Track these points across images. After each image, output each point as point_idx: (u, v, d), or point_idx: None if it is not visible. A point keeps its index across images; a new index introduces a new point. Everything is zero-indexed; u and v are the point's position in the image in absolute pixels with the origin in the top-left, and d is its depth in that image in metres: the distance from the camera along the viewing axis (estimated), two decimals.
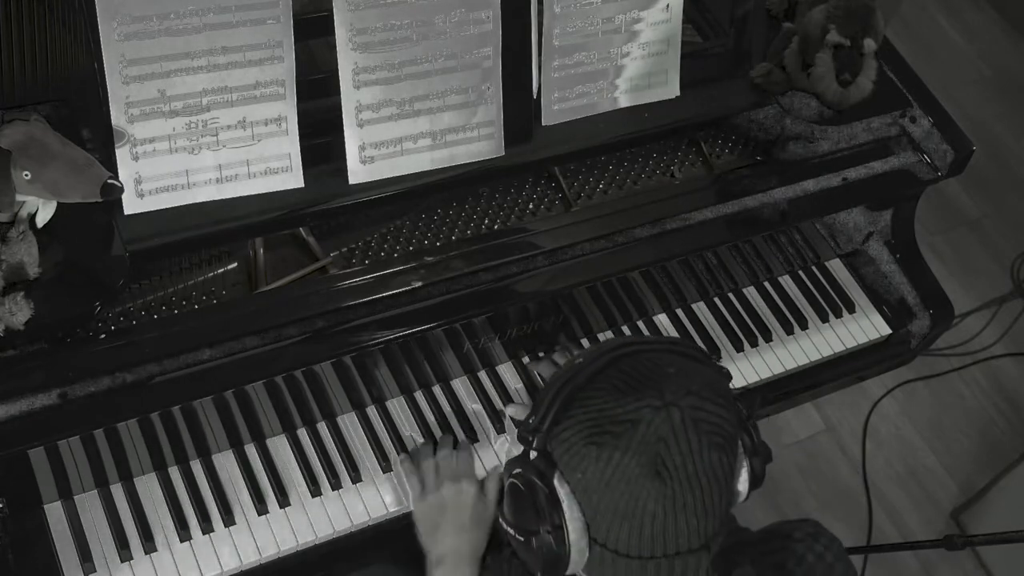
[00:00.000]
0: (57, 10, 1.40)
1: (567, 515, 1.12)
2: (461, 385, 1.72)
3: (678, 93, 1.70)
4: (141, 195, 1.41)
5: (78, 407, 1.35)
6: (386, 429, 1.65)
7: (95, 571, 1.47)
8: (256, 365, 1.46)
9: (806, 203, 1.76)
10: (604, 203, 1.72)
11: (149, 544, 1.49)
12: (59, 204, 1.34)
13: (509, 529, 1.22)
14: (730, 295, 1.91)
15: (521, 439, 1.18)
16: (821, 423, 2.84)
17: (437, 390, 1.70)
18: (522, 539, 1.19)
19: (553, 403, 1.14)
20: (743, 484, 1.19)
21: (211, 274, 1.54)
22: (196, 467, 1.57)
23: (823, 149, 1.79)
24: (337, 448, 1.62)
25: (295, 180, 1.48)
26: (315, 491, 1.58)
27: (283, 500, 1.57)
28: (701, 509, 1.10)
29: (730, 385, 1.21)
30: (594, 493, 1.11)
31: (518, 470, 1.19)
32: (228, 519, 1.54)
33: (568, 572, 1.17)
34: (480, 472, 1.62)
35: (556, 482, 1.13)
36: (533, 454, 1.16)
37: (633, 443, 1.08)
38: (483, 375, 1.73)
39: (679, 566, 1.11)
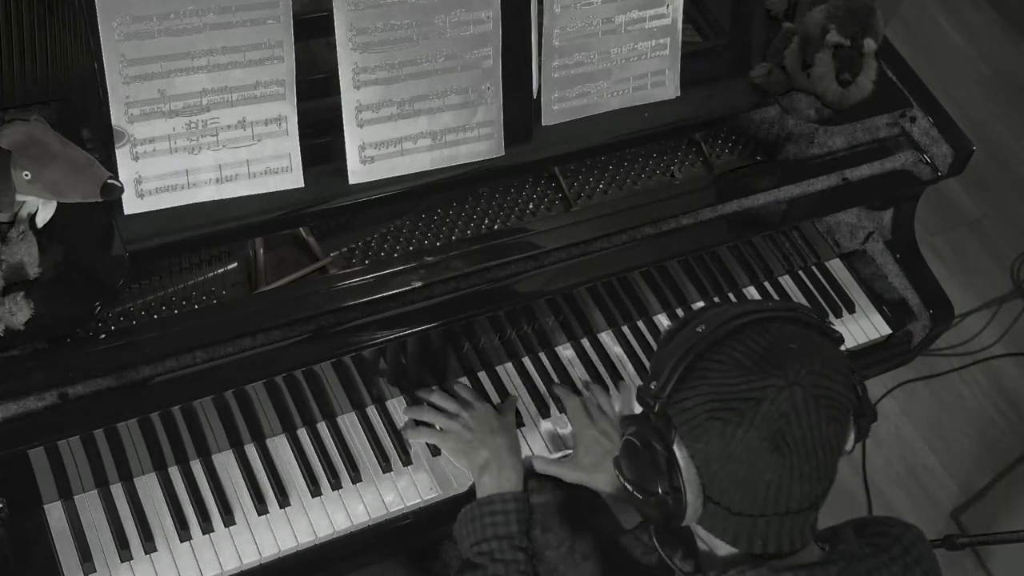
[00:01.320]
0: (57, 10, 1.40)
1: (685, 478, 1.16)
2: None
3: (678, 93, 1.70)
4: (141, 195, 1.40)
5: (78, 407, 1.35)
6: (386, 429, 1.65)
7: (95, 571, 1.47)
8: (256, 365, 1.46)
9: (806, 203, 1.76)
10: (604, 203, 1.72)
11: (149, 544, 1.49)
12: (59, 204, 1.34)
13: (627, 485, 1.25)
14: (731, 295, 1.91)
15: (641, 402, 1.20)
16: None
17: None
18: (640, 496, 1.22)
19: (676, 369, 1.16)
20: (849, 443, 1.23)
21: (211, 274, 1.54)
22: (196, 467, 1.57)
23: (823, 149, 1.79)
24: (337, 448, 1.62)
25: (295, 180, 1.48)
26: (315, 491, 1.58)
27: (283, 500, 1.56)
28: (815, 476, 1.14)
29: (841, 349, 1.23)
30: (714, 463, 1.14)
31: (635, 428, 1.21)
32: (228, 519, 1.54)
33: (682, 524, 1.21)
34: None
35: (675, 447, 1.16)
36: (652, 416, 1.19)
37: (757, 419, 1.11)
38: (483, 375, 1.73)
39: (787, 523, 1.16)
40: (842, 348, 1.27)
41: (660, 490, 1.18)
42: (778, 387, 1.11)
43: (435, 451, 1.64)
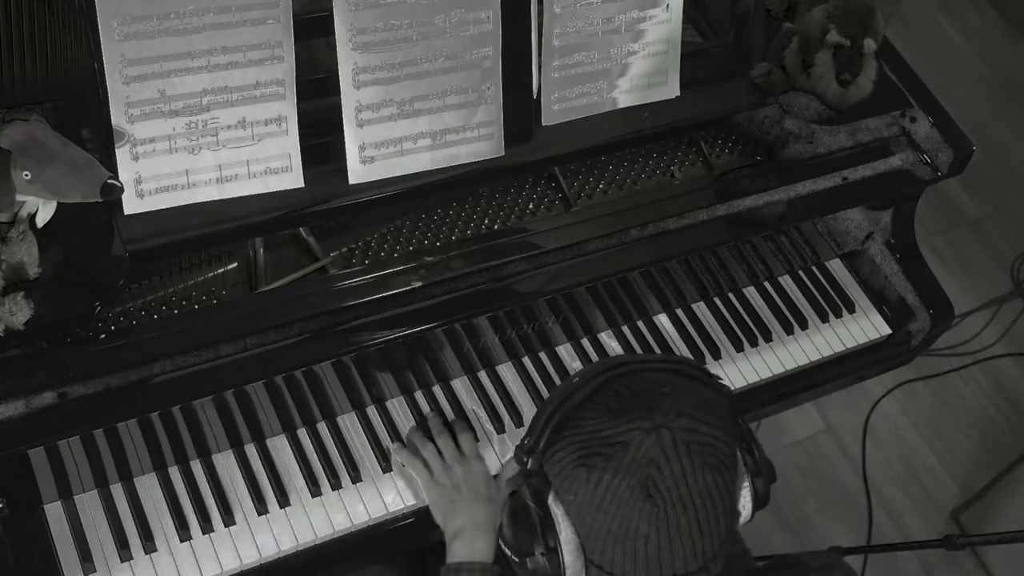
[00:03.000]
0: (57, 10, 1.40)
1: (561, 537, 1.12)
2: (461, 385, 1.72)
3: (678, 93, 1.70)
4: (141, 195, 1.41)
5: (78, 407, 1.35)
6: (386, 429, 1.65)
7: (95, 571, 1.47)
8: (256, 365, 1.46)
9: (806, 203, 1.76)
10: (604, 203, 1.72)
11: (149, 544, 1.49)
12: (59, 204, 1.34)
13: (506, 549, 1.21)
14: (730, 295, 1.91)
15: (517, 459, 1.17)
16: (821, 423, 2.84)
17: (437, 390, 1.70)
18: (517, 560, 1.19)
19: (548, 424, 1.13)
20: (745, 504, 1.18)
21: (211, 274, 1.54)
22: (196, 467, 1.57)
23: (823, 149, 1.79)
24: (337, 448, 1.62)
25: (295, 180, 1.48)
26: (315, 491, 1.58)
27: (283, 500, 1.56)
28: (696, 531, 1.08)
29: (730, 403, 1.19)
30: (587, 515, 1.10)
31: (513, 490, 1.19)
32: (228, 519, 1.54)
33: None
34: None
35: (551, 503, 1.12)
36: (527, 475, 1.16)
37: (623, 465, 1.07)
38: (483, 375, 1.73)
39: None
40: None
41: (536, 552, 1.14)
42: (644, 429, 1.07)
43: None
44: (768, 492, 1.20)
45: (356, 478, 1.60)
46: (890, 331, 1.95)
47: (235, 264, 1.56)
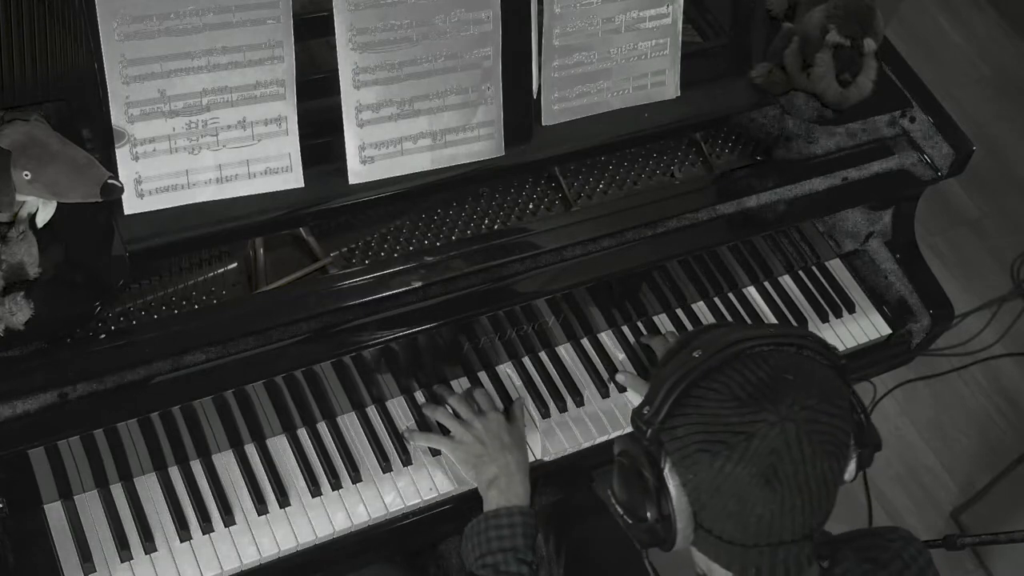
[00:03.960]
0: (57, 10, 1.40)
1: (675, 505, 1.15)
2: (461, 385, 1.72)
3: (678, 93, 1.70)
4: (141, 195, 1.40)
5: (78, 407, 1.35)
6: (386, 429, 1.65)
7: (95, 571, 1.47)
8: (256, 365, 1.46)
9: (806, 203, 1.76)
10: (604, 203, 1.72)
11: (149, 544, 1.49)
12: (59, 204, 1.34)
13: (617, 507, 1.24)
14: (730, 295, 1.91)
15: (634, 425, 1.19)
16: None
17: (438, 390, 1.70)
18: (631, 521, 1.22)
19: (669, 395, 1.15)
20: (850, 473, 1.23)
21: (211, 274, 1.54)
22: (196, 467, 1.57)
23: (823, 149, 1.79)
24: (337, 448, 1.62)
25: (295, 180, 1.48)
26: (315, 491, 1.58)
27: (283, 500, 1.56)
28: (808, 509, 1.13)
29: (844, 375, 1.23)
30: (704, 494, 1.13)
31: (624, 449, 1.21)
32: (228, 519, 1.54)
33: (672, 549, 1.20)
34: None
35: (666, 474, 1.15)
36: (644, 441, 1.18)
37: (747, 455, 1.10)
38: (483, 375, 1.73)
39: (781, 553, 1.15)
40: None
41: (650, 516, 1.17)
42: (770, 423, 1.10)
43: (435, 451, 1.64)
44: (871, 459, 1.25)
45: (356, 478, 1.60)
46: (890, 331, 1.95)
47: (235, 264, 1.56)
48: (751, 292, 1.92)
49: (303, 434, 1.63)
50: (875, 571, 1.23)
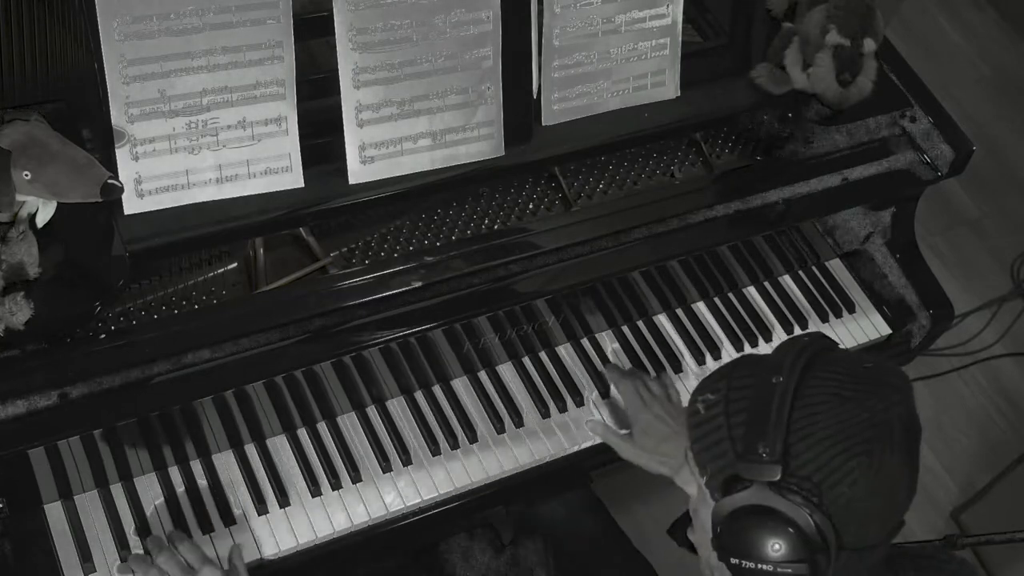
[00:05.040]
0: (57, 10, 1.40)
1: (828, 538, 1.10)
2: (461, 385, 1.72)
3: (678, 93, 1.70)
4: (141, 195, 1.40)
5: (78, 407, 1.35)
6: (386, 429, 1.65)
7: (95, 571, 1.47)
8: (256, 365, 1.46)
9: (806, 203, 1.76)
10: (604, 203, 1.72)
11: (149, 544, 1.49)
12: (59, 204, 1.34)
13: (743, 564, 1.13)
14: (730, 295, 1.91)
15: (753, 473, 1.11)
16: None
17: (437, 390, 1.70)
18: (771, 570, 1.13)
19: (778, 428, 1.10)
20: None
21: (211, 274, 1.54)
22: (196, 467, 1.57)
23: (823, 149, 1.79)
24: (337, 448, 1.62)
25: (295, 180, 1.48)
26: (315, 491, 1.58)
27: (283, 500, 1.56)
28: (916, 479, 1.15)
29: None
30: (859, 503, 1.09)
31: (746, 502, 1.12)
32: (227, 519, 1.54)
33: None
34: None
35: (810, 506, 1.09)
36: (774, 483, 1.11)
37: (895, 441, 1.10)
38: (483, 375, 1.73)
39: (881, 549, 1.16)
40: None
41: (799, 557, 1.10)
42: (900, 403, 1.12)
43: (435, 451, 1.64)
44: None
45: (356, 478, 1.60)
46: (890, 331, 1.95)
47: (235, 264, 1.56)
48: (751, 292, 1.92)
49: (303, 434, 1.63)
50: None
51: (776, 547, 1.11)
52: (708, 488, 1.17)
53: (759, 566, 1.12)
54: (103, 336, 1.38)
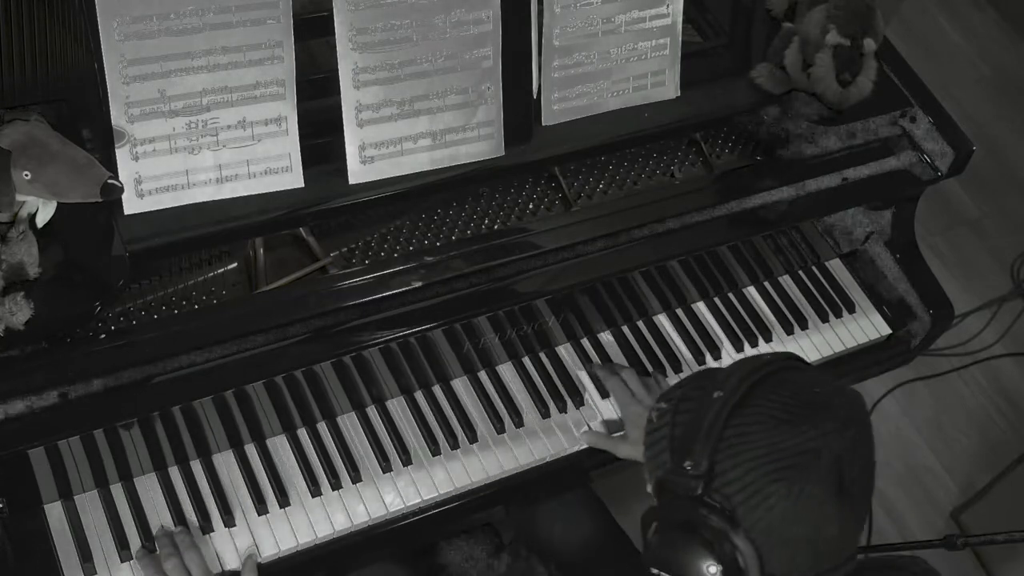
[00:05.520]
0: (57, 10, 1.40)
1: (746, 556, 1.09)
2: (461, 385, 1.72)
3: (678, 93, 1.70)
4: (141, 195, 1.40)
5: (78, 407, 1.35)
6: (386, 429, 1.65)
7: (95, 571, 1.47)
8: (256, 365, 1.46)
9: (806, 203, 1.76)
10: (604, 203, 1.72)
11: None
12: (59, 204, 1.34)
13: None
14: (730, 295, 1.91)
15: (677, 487, 1.11)
16: None
17: (437, 390, 1.70)
18: None
19: (706, 444, 1.09)
20: None
21: (211, 274, 1.54)
22: (196, 467, 1.57)
23: (823, 149, 1.79)
24: (337, 448, 1.62)
25: (295, 180, 1.48)
26: (315, 491, 1.58)
27: (283, 500, 1.56)
28: (863, 516, 1.12)
29: None
30: (776, 531, 1.08)
31: (670, 516, 1.13)
32: (228, 519, 1.54)
33: None
34: None
35: (730, 525, 1.09)
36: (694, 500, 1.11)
37: (820, 471, 1.07)
38: (483, 375, 1.73)
39: (840, 574, 1.13)
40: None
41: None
42: (830, 433, 1.08)
43: (435, 451, 1.64)
44: None
45: (356, 478, 1.60)
46: (890, 331, 1.95)
47: (235, 264, 1.56)
48: (751, 292, 1.92)
49: (303, 434, 1.63)
50: None
51: (691, 564, 1.10)
52: (653, 495, 1.17)
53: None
54: (103, 336, 1.38)
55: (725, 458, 1.09)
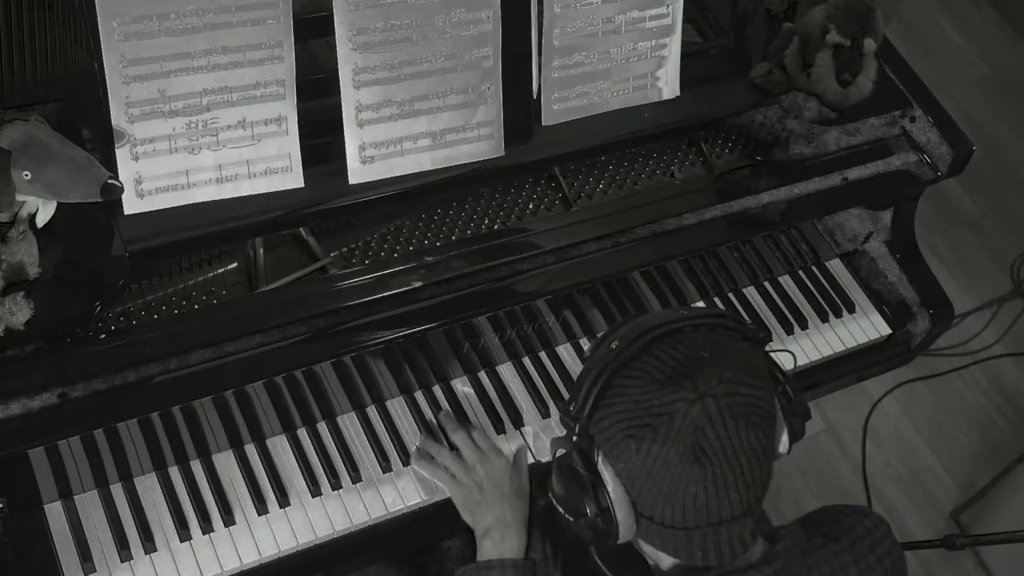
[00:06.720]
0: (57, 10, 1.40)
1: (612, 498, 1.17)
2: (461, 385, 1.72)
3: (678, 93, 1.70)
4: (141, 195, 1.41)
5: (78, 407, 1.35)
6: (386, 429, 1.65)
7: (95, 571, 1.47)
8: (256, 365, 1.46)
9: (806, 203, 1.76)
10: (604, 203, 1.72)
11: (149, 544, 1.49)
12: (59, 204, 1.34)
13: (559, 506, 1.26)
14: (730, 295, 1.91)
15: (563, 423, 1.22)
16: (821, 423, 2.84)
17: (437, 390, 1.70)
18: (572, 519, 1.23)
19: (592, 390, 1.16)
20: (783, 445, 1.24)
21: (211, 274, 1.54)
22: (196, 467, 1.57)
23: (823, 149, 1.79)
24: (337, 448, 1.62)
25: (295, 180, 1.48)
26: (315, 491, 1.58)
27: (283, 500, 1.56)
28: (743, 484, 1.13)
29: (767, 347, 1.25)
30: (637, 479, 1.14)
31: (562, 451, 1.23)
32: (228, 519, 1.54)
33: (618, 542, 1.21)
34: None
35: (600, 467, 1.17)
36: (575, 437, 1.20)
37: (671, 435, 1.11)
38: (483, 375, 1.73)
39: (724, 532, 1.15)
40: (768, 347, 1.26)
41: (589, 511, 1.18)
42: (688, 400, 1.11)
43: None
44: (804, 428, 1.26)
45: (356, 478, 1.60)
46: (890, 331, 1.95)
47: (235, 264, 1.56)
48: (751, 292, 1.92)
49: (303, 434, 1.63)
50: (824, 544, 1.24)
51: (575, 501, 1.20)
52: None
53: (556, 506, 1.26)
54: (103, 336, 1.38)
55: (603, 406, 1.16)
